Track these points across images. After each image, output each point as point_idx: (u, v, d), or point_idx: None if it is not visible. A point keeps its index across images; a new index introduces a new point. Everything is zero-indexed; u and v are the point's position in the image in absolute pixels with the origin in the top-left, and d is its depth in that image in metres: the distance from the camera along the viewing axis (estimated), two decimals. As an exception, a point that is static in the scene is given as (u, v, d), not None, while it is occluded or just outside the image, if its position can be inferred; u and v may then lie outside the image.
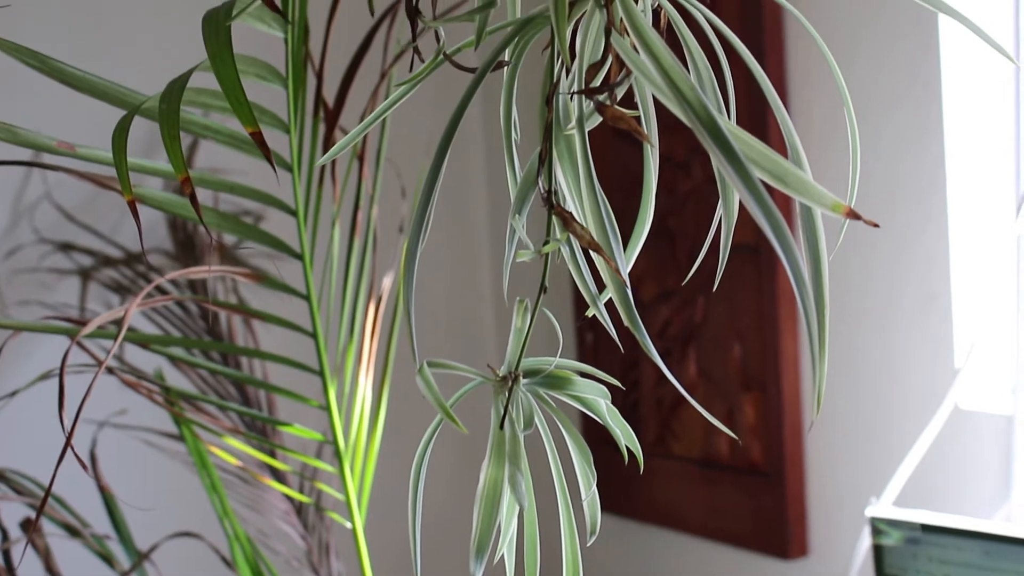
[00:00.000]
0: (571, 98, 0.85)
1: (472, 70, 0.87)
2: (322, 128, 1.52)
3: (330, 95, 1.54)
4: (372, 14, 0.79)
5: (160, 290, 1.81)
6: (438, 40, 0.86)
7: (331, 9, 1.47)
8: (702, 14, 0.88)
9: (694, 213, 2.42)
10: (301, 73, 1.38)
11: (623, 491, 2.73)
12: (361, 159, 1.63)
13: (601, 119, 0.85)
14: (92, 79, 1.11)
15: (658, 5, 0.90)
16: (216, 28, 0.95)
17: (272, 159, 0.85)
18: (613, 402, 0.95)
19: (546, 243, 0.87)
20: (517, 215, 0.89)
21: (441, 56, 0.88)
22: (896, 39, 2.01)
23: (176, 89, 0.99)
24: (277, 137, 1.42)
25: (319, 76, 1.50)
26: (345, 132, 1.62)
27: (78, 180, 1.30)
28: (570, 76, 0.86)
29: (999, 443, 1.99)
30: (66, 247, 2.41)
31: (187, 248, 2.36)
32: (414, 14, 0.84)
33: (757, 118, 2.12)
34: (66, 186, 2.38)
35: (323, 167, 1.53)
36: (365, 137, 1.61)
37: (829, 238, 0.84)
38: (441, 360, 0.88)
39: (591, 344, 2.80)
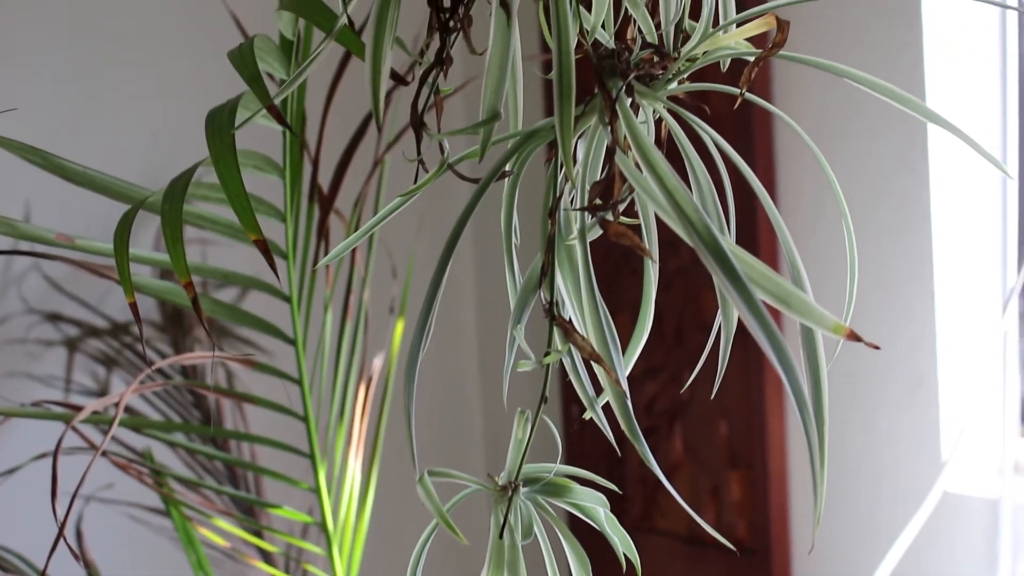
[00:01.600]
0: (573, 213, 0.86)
1: (475, 180, 0.88)
2: (317, 213, 1.52)
3: (325, 180, 1.55)
4: (380, 130, 0.80)
5: (153, 362, 1.81)
6: (442, 151, 0.87)
7: (327, 97, 1.48)
8: (701, 129, 0.89)
9: (682, 290, 2.43)
10: (298, 165, 1.39)
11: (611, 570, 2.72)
12: (354, 242, 1.63)
13: (602, 231, 0.85)
14: (92, 174, 1.12)
15: (659, 117, 0.92)
16: (220, 130, 0.96)
17: (275, 267, 0.86)
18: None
19: (547, 354, 0.88)
20: (518, 325, 0.90)
21: (444, 166, 0.89)
22: (883, 128, 2.03)
23: (179, 189, 1.00)
24: (273, 224, 1.43)
25: (315, 163, 1.51)
26: (340, 215, 1.63)
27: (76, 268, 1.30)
28: (572, 190, 0.87)
29: (985, 526, 1.99)
30: (54, 317, 2.41)
31: (175, 320, 2.36)
32: (419, 126, 0.85)
33: (746, 213, 2.14)
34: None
35: (316, 252, 1.53)
36: (358, 220, 1.62)
37: (826, 347, 0.85)
38: (441, 469, 0.88)
39: (576, 415, 2.80)
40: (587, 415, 0.93)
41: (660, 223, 0.84)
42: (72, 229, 2.20)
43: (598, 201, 0.85)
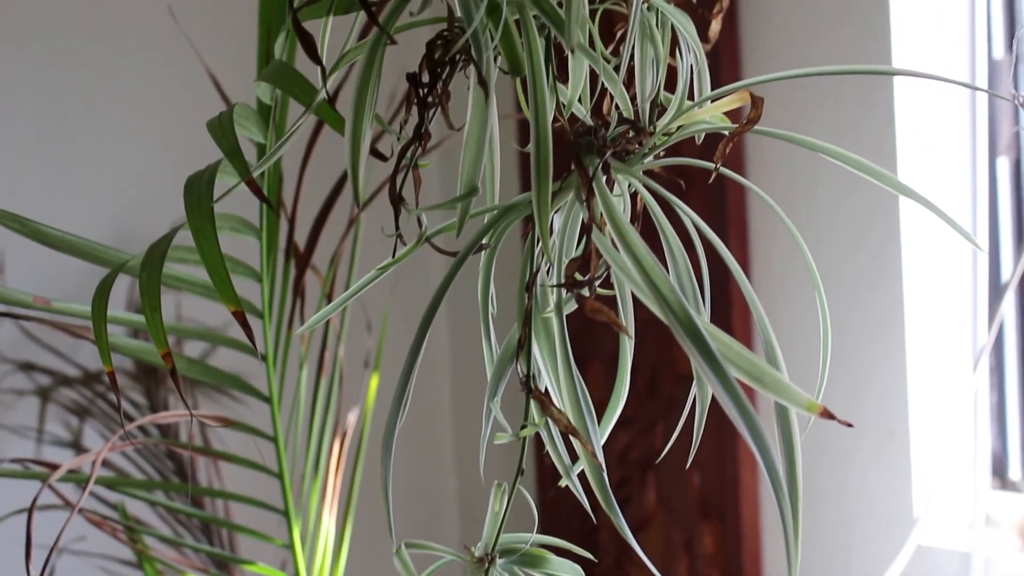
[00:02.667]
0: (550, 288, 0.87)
1: (453, 254, 0.89)
2: (293, 271, 1.53)
3: (301, 237, 1.55)
4: (358, 205, 0.81)
5: (128, 418, 1.80)
6: (420, 225, 0.88)
7: (304, 157, 1.50)
8: (677, 206, 0.90)
9: (654, 342, 2.44)
10: (274, 225, 1.40)
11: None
12: (330, 298, 1.64)
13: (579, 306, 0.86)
14: (70, 239, 1.12)
15: (634, 190, 0.93)
16: (199, 200, 0.96)
17: (254, 339, 0.86)
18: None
19: (524, 427, 0.89)
20: (494, 398, 0.90)
21: (422, 239, 0.90)
22: (855, 188, 2.05)
23: (157, 256, 1.00)
24: (249, 285, 1.44)
25: (291, 221, 1.52)
26: (316, 271, 1.64)
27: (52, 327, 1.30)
28: (549, 264, 0.88)
29: (957, 579, 2.00)
30: (26, 367, 2.41)
31: (148, 369, 2.36)
32: (397, 201, 0.85)
33: (721, 283, 2.15)
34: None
35: (292, 310, 1.54)
36: (333, 278, 1.63)
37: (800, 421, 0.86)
38: (418, 541, 0.89)
39: (550, 466, 2.80)
40: (563, 483, 0.94)
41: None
42: (47, 282, 2.21)
43: (577, 275, 0.86)
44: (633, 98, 0.93)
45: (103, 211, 2.45)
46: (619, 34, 1.00)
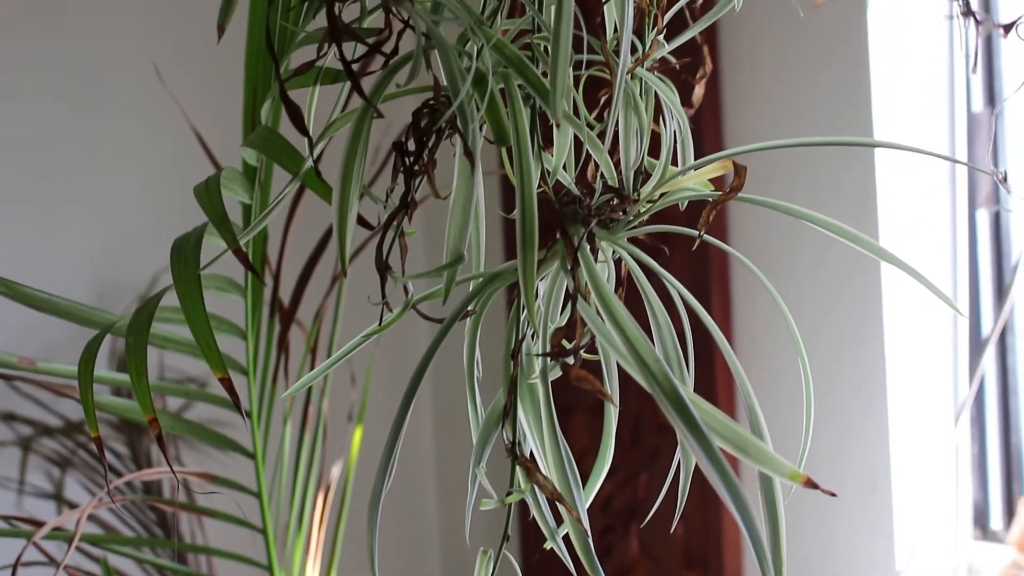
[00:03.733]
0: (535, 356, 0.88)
1: (439, 321, 0.90)
2: (277, 327, 1.54)
3: (286, 293, 1.56)
4: (344, 274, 0.82)
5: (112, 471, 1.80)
6: (406, 293, 0.88)
7: (288, 215, 1.50)
8: (662, 275, 0.91)
9: (636, 392, 2.44)
10: (259, 284, 1.40)
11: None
12: (314, 353, 1.64)
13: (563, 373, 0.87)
14: (56, 301, 1.13)
15: (619, 256, 0.93)
16: (185, 265, 0.97)
17: (241, 407, 0.87)
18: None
19: (509, 493, 0.89)
20: (480, 464, 0.91)
21: (409, 306, 0.90)
22: (835, 240, 2.06)
23: (144, 320, 1.01)
24: (234, 343, 1.44)
25: (276, 278, 1.53)
26: (300, 325, 1.64)
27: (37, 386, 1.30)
28: (534, 333, 0.89)
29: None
30: (8, 417, 2.40)
31: (131, 421, 2.36)
32: (384, 269, 0.86)
33: (705, 347, 2.16)
34: (12, 348, 2.37)
35: (277, 366, 1.54)
36: (318, 333, 1.63)
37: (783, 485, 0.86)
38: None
39: (533, 525, 2.80)
40: (548, 545, 0.94)
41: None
42: (33, 332, 2.20)
43: (564, 341, 0.87)
44: (617, 164, 0.94)
45: (88, 259, 2.45)
46: (603, 100, 1.01)
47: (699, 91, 1.07)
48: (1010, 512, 2.08)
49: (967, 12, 0.69)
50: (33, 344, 2.26)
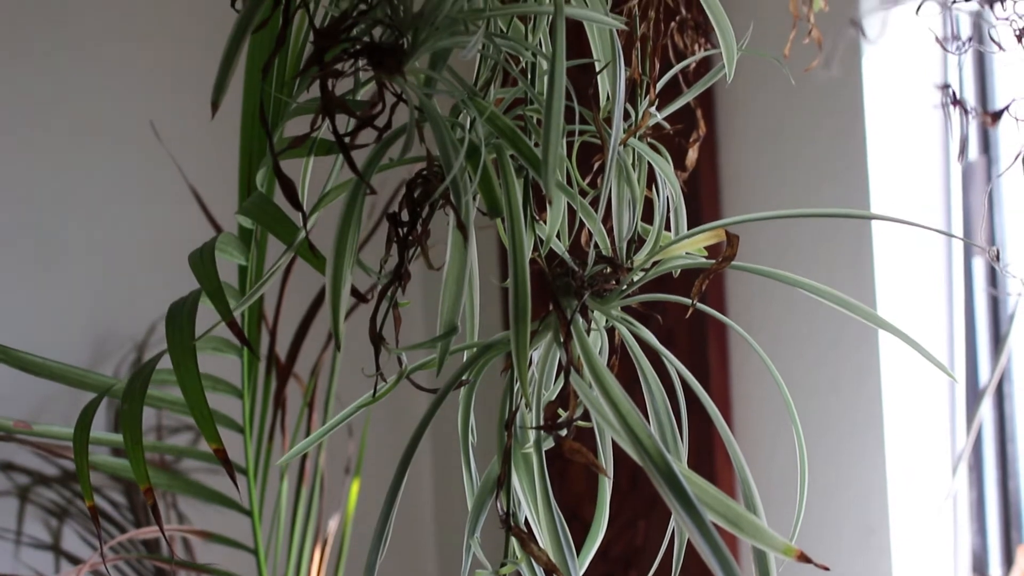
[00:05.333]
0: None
1: (433, 391, 0.90)
2: (274, 383, 1.54)
3: (282, 348, 1.56)
4: (339, 347, 0.82)
5: (108, 520, 1.80)
6: (400, 364, 0.89)
7: (284, 274, 1.50)
8: (655, 347, 0.91)
9: (636, 438, 2.44)
10: (256, 343, 1.40)
11: None
12: (311, 407, 1.64)
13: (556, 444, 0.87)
14: (52, 365, 1.13)
15: (612, 326, 0.94)
16: (181, 332, 0.97)
17: (234, 475, 0.87)
18: None
19: (503, 564, 0.89)
20: (474, 535, 0.91)
21: (403, 376, 0.90)
22: (833, 277, 2.06)
23: (139, 387, 1.01)
24: (231, 399, 1.44)
25: (272, 334, 1.53)
26: (298, 379, 1.64)
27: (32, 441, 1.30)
28: (529, 404, 0.89)
29: None
30: (6, 467, 2.39)
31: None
32: (378, 341, 0.86)
33: (699, 414, 2.17)
34: (7, 401, 2.37)
35: (273, 420, 1.54)
36: (315, 386, 1.63)
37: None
38: None
39: None
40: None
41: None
42: (28, 389, 2.21)
43: (560, 411, 0.87)
44: (610, 230, 0.94)
45: (85, 308, 2.45)
46: (596, 166, 1.02)
47: (693, 155, 1.08)
48: (1008, 559, 2.07)
49: (956, 102, 0.70)
50: (28, 394, 2.26)
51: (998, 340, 1.99)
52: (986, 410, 1.99)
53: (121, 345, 2.46)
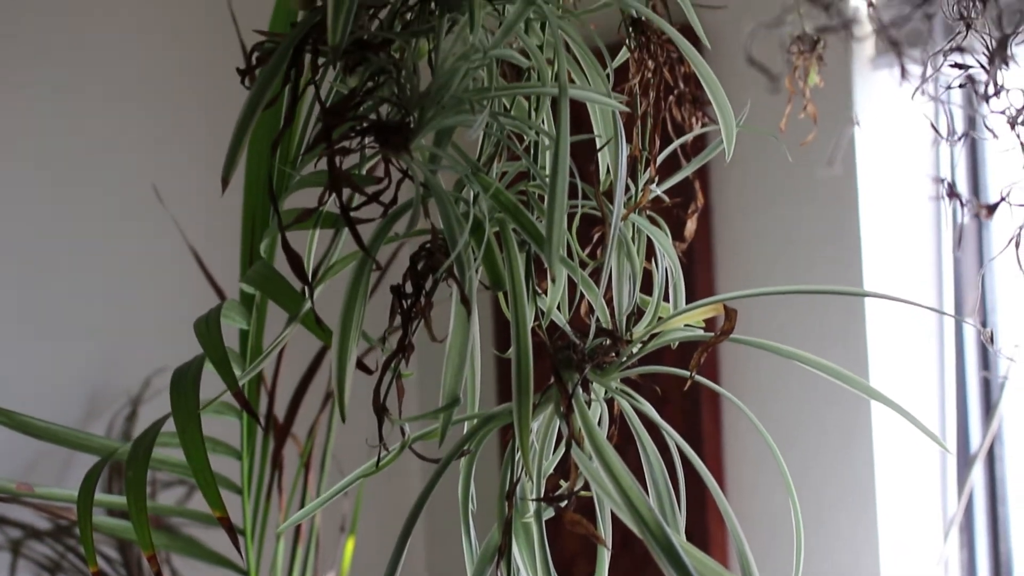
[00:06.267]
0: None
1: (435, 461, 0.91)
2: (272, 444, 1.55)
3: (280, 409, 1.57)
4: (343, 420, 0.83)
5: None
6: (403, 434, 0.90)
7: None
8: (653, 419, 0.92)
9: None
10: (255, 404, 1.42)
11: None
12: (307, 467, 1.65)
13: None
14: (55, 429, 1.14)
15: (611, 397, 0.95)
16: (185, 399, 0.98)
17: (239, 546, 0.88)
18: None
19: (504, 632, 0.90)
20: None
21: (406, 446, 0.92)
22: (825, 346, 2.08)
23: (142, 453, 1.02)
24: (230, 462, 1.45)
25: (271, 395, 1.54)
26: (295, 439, 1.65)
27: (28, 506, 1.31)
28: (530, 475, 0.90)
29: None
30: (-1, 521, 2.39)
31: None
32: (381, 411, 0.87)
33: (696, 484, 2.18)
34: (1, 457, 2.37)
35: (271, 480, 1.55)
36: (312, 444, 1.64)
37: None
38: None
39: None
40: None
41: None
42: (20, 450, 2.21)
43: (562, 482, 0.88)
44: (609, 301, 0.96)
45: (81, 362, 2.46)
46: (596, 237, 1.03)
47: (691, 226, 1.09)
48: (1001, 621, 2.08)
49: (952, 194, 0.71)
50: (23, 449, 2.26)
51: (989, 405, 2.00)
52: (977, 472, 2.00)
53: (116, 398, 2.46)
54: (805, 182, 2.06)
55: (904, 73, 0.65)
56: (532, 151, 0.93)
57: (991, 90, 0.67)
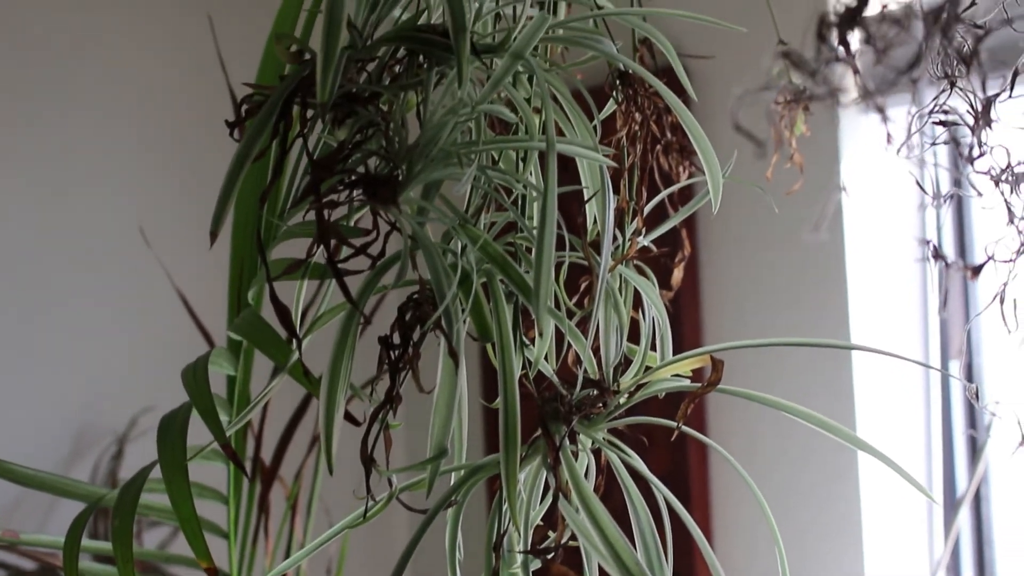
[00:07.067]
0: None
1: (422, 511, 0.91)
2: (258, 488, 1.54)
3: (267, 453, 1.57)
4: (331, 471, 0.83)
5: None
6: (391, 484, 0.90)
7: (271, 378, 1.52)
8: (640, 472, 0.92)
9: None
10: (242, 447, 1.41)
11: None
12: (294, 510, 1.65)
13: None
14: (42, 476, 1.14)
15: (598, 448, 0.95)
16: (172, 449, 0.98)
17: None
18: None
19: None
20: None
21: (392, 497, 0.92)
22: (812, 393, 2.08)
23: (129, 501, 1.02)
24: (216, 507, 1.45)
25: (258, 439, 1.54)
26: (282, 483, 1.65)
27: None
28: (517, 527, 0.90)
29: None
30: (-19, 564, 2.38)
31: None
32: (369, 463, 0.87)
33: (683, 535, 2.18)
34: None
35: (257, 524, 1.55)
36: (298, 488, 1.64)
37: None
38: None
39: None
40: None
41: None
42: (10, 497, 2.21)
43: (550, 533, 0.89)
44: (596, 350, 0.96)
45: (66, 401, 2.46)
46: (583, 286, 1.04)
47: (678, 274, 1.10)
48: (988, 663, 2.08)
49: (937, 255, 0.72)
50: (10, 489, 2.25)
51: (975, 450, 2.01)
52: (964, 515, 2.01)
53: (103, 436, 2.46)
54: (791, 231, 2.07)
55: (890, 138, 0.66)
56: (519, 203, 0.93)
57: (976, 152, 0.68)
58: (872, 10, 0.51)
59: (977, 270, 0.72)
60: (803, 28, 0.55)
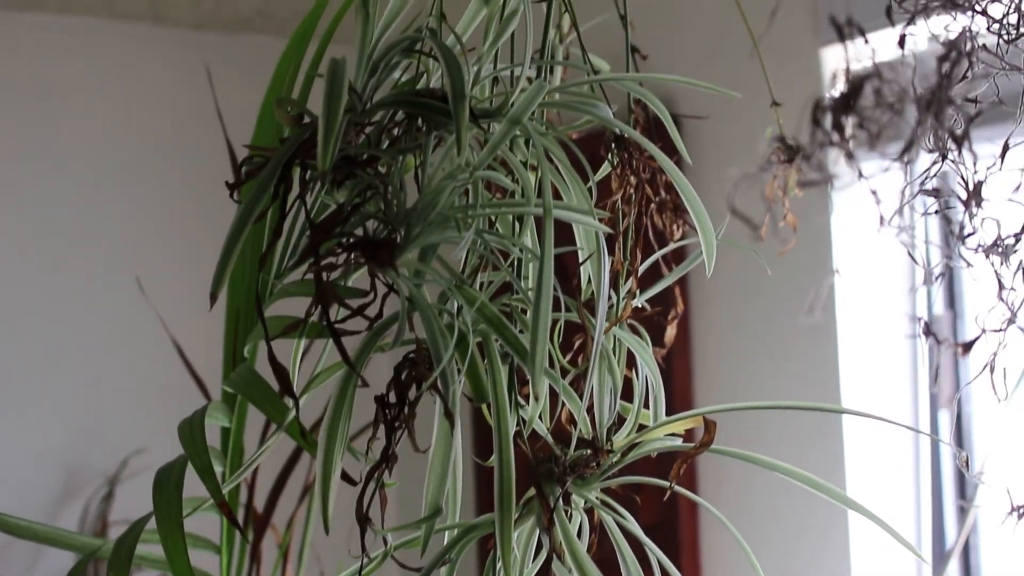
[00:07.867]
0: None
1: (417, 570, 0.92)
2: (251, 536, 1.55)
3: (260, 500, 1.57)
4: (327, 531, 0.84)
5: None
6: (385, 543, 0.91)
7: (265, 428, 1.52)
8: (632, 533, 0.93)
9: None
10: (235, 499, 1.42)
11: None
12: (285, 559, 1.65)
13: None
14: (36, 528, 1.15)
15: (591, 507, 0.96)
16: (168, 504, 0.99)
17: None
18: None
19: None
20: None
21: (387, 555, 0.92)
22: (802, 449, 2.09)
23: (124, 555, 1.03)
24: (209, 556, 1.45)
25: (251, 487, 1.54)
26: (274, 531, 1.65)
27: None
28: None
29: None
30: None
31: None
32: (364, 521, 0.88)
33: None
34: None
35: (249, 573, 1.55)
36: (290, 536, 1.64)
37: None
38: None
39: None
40: None
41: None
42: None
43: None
44: (589, 409, 0.97)
45: (59, 442, 2.47)
46: (577, 344, 1.04)
47: (671, 332, 1.11)
48: None
49: (928, 332, 0.73)
50: None
51: (963, 497, 2.01)
52: (953, 566, 2.01)
53: (93, 477, 2.47)
54: (784, 289, 2.08)
55: (883, 220, 0.67)
56: (515, 266, 0.94)
57: (967, 230, 0.69)
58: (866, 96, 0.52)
59: (968, 347, 0.73)
60: (796, 90, 0.56)
